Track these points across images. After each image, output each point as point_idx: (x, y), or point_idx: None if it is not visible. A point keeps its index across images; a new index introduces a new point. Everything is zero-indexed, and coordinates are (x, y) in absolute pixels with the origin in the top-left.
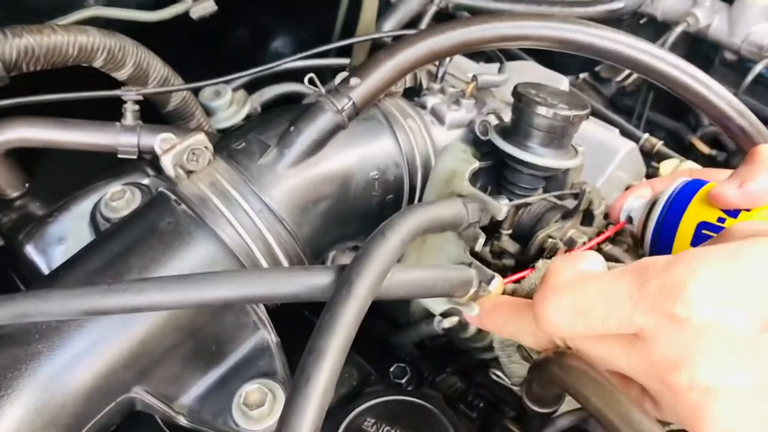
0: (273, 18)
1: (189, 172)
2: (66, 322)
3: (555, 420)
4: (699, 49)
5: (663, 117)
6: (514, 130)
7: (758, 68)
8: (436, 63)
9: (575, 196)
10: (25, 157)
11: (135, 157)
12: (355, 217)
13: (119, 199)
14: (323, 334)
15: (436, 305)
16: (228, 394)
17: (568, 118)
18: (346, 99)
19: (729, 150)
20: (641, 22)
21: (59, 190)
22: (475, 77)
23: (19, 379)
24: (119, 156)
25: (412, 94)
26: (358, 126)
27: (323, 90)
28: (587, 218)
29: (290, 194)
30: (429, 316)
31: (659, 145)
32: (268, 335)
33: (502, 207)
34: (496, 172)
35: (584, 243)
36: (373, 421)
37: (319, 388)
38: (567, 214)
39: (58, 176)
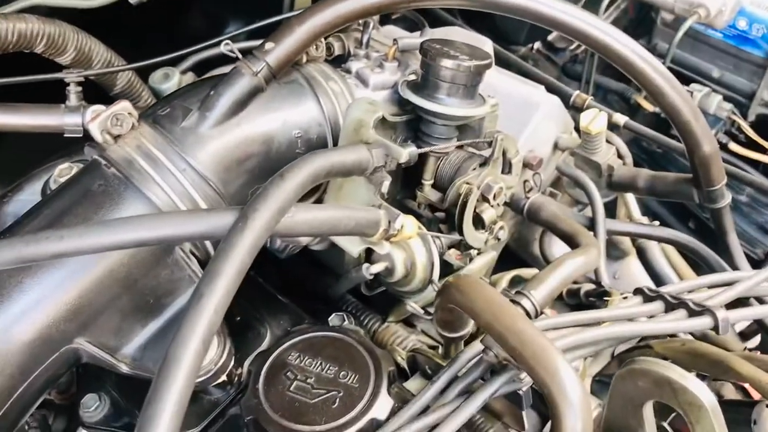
0: (225, 3)
1: (116, 137)
2: (7, 280)
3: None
4: (647, 13)
5: (610, 80)
6: (424, 84)
7: (687, 24)
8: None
9: (489, 144)
10: None
11: (81, 135)
12: None
13: (66, 175)
14: (216, 260)
15: (352, 246)
16: (167, 342)
17: (469, 68)
18: (261, 62)
19: None
20: None
21: (16, 171)
22: (395, 41)
23: None
24: (65, 135)
25: (342, 61)
26: (279, 89)
27: (240, 56)
28: (506, 167)
29: (214, 154)
30: (360, 264)
31: (589, 100)
32: None
33: (402, 151)
34: (415, 125)
35: (500, 188)
36: (297, 354)
37: (211, 305)
38: (484, 163)
39: (15, 158)
